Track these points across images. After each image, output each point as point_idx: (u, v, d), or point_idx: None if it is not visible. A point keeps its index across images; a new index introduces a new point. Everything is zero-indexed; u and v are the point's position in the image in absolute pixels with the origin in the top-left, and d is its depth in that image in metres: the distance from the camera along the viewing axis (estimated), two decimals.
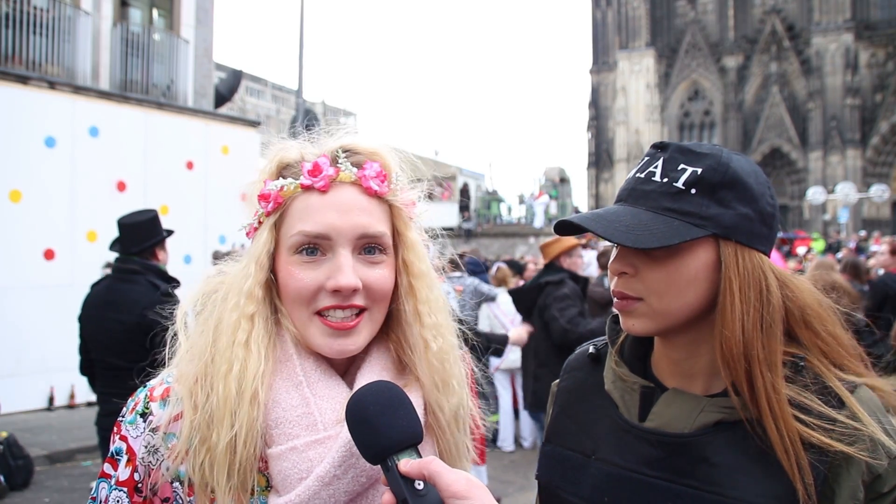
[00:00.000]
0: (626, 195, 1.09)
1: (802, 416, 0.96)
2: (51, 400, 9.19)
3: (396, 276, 1.09)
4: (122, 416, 1.06)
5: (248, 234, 1.12)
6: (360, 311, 1.03)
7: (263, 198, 1.06)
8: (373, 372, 1.06)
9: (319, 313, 1.02)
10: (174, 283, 3.87)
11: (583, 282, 5.41)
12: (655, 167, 1.06)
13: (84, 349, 4.02)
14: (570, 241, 5.30)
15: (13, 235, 8.85)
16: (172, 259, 4.44)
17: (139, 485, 1.02)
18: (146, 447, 1.02)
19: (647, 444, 1.05)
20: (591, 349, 1.26)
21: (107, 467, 1.05)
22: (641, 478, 1.04)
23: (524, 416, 7.73)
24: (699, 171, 1.02)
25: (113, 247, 4.01)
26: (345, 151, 1.07)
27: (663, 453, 1.03)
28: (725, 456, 0.98)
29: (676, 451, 1.02)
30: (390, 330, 1.13)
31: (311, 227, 1.02)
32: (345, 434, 0.95)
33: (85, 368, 4.07)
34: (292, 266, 1.03)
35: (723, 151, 1.05)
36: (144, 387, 1.09)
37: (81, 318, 4.00)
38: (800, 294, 1.04)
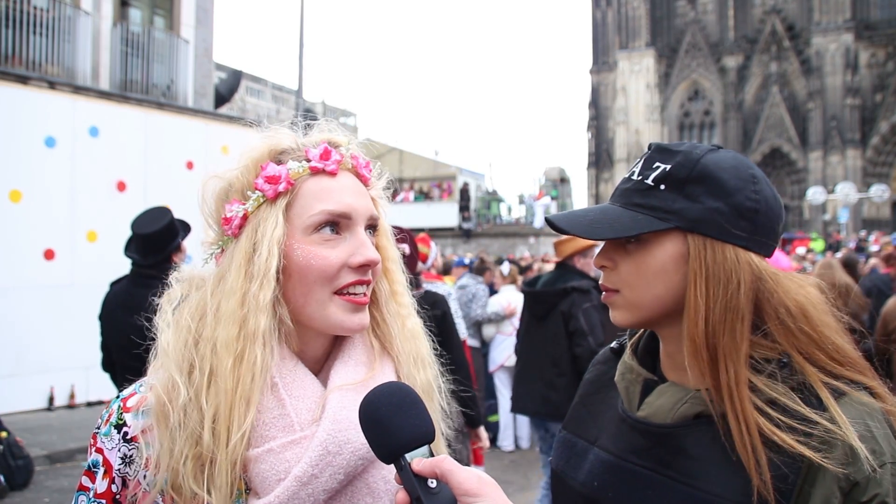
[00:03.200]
0: (612, 194, 1.14)
1: (772, 414, 0.95)
2: (51, 400, 9.18)
3: None
4: (98, 428, 1.04)
5: (228, 220, 1.05)
6: (368, 287, 1.07)
7: (271, 180, 1.02)
8: (347, 367, 1.07)
9: (339, 292, 1.03)
10: None
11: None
12: (636, 166, 1.11)
13: (105, 347, 4.01)
14: (586, 241, 4.88)
15: (13, 235, 8.84)
16: None
17: (117, 496, 1.01)
18: (122, 458, 1.01)
19: (636, 433, 1.08)
20: (614, 344, 1.30)
21: (84, 480, 1.04)
22: (628, 465, 1.06)
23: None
24: (668, 167, 1.05)
25: (127, 250, 3.91)
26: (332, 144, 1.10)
27: (648, 443, 1.05)
28: (702, 449, 0.99)
29: (659, 442, 1.04)
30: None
31: (333, 206, 1.03)
32: (320, 433, 0.97)
33: (107, 365, 4.06)
34: (312, 246, 1.02)
35: (697, 148, 1.06)
36: (118, 397, 1.07)
37: (101, 318, 4.00)
38: (781, 293, 1.02)
